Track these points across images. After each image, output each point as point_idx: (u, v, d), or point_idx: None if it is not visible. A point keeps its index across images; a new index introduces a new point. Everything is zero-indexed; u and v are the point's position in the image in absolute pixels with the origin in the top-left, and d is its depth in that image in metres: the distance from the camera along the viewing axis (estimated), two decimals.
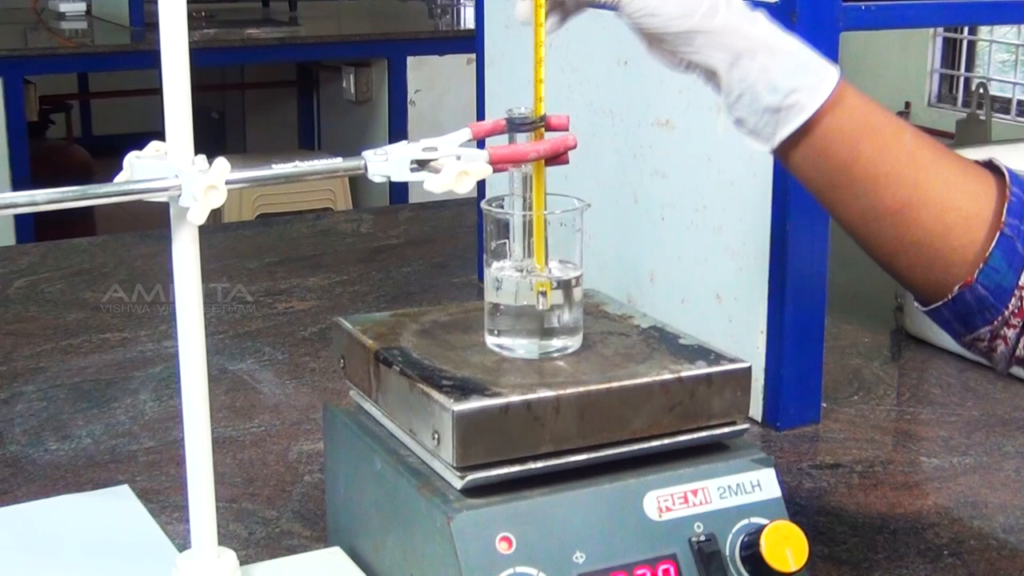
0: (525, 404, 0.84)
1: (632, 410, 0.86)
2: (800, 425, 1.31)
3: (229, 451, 1.24)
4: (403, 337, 0.95)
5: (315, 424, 1.30)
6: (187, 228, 0.79)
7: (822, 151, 0.80)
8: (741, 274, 1.31)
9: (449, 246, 2.00)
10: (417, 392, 0.86)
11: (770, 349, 1.29)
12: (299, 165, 0.82)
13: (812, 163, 0.81)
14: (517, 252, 0.91)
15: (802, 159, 0.81)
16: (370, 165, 0.83)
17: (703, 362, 0.90)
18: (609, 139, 1.47)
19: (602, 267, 1.47)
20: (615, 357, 0.91)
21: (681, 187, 1.38)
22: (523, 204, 0.91)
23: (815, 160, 0.80)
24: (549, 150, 0.88)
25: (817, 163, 0.80)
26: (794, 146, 0.81)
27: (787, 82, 0.79)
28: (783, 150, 0.81)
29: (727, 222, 1.32)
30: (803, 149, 0.80)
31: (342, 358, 0.98)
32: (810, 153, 0.80)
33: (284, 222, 2.20)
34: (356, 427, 0.95)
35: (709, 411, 0.89)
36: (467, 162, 0.83)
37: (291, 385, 1.42)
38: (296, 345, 1.54)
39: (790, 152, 0.81)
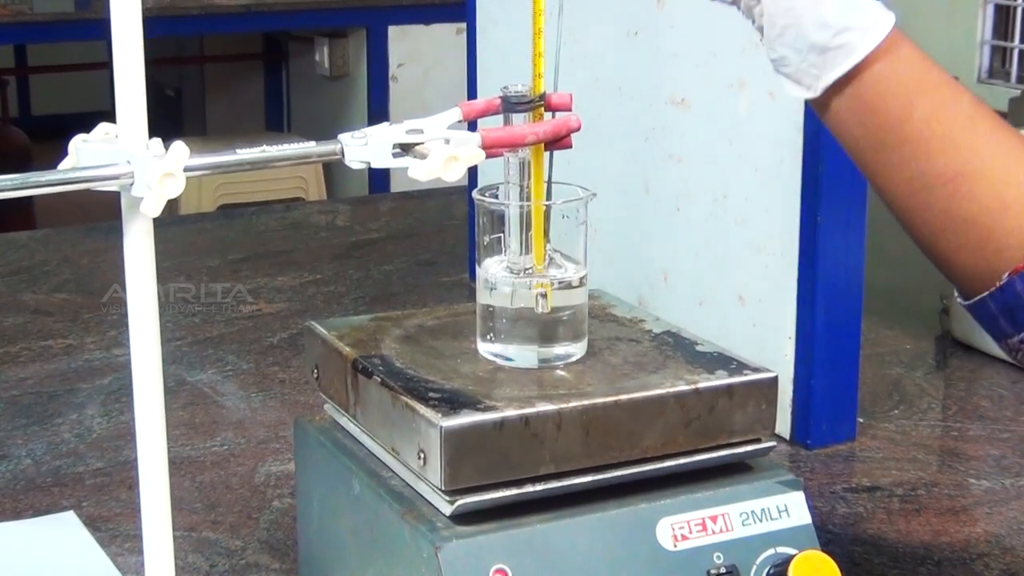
0: (522, 419, 0.84)
1: (643, 426, 0.87)
2: (833, 443, 1.31)
3: (188, 473, 1.24)
4: (385, 344, 0.95)
5: (285, 442, 1.30)
6: (140, 221, 0.79)
7: (871, 103, 0.80)
8: (767, 272, 1.32)
9: (436, 241, 2.01)
10: (400, 406, 0.86)
11: (799, 357, 1.30)
12: (267, 150, 0.82)
13: (858, 117, 0.80)
14: (513, 248, 0.92)
15: (847, 111, 0.81)
16: (347, 150, 0.83)
17: (723, 371, 0.90)
18: (617, 120, 1.48)
19: (609, 265, 1.48)
20: (624, 366, 0.92)
21: (699, 174, 1.38)
22: (520, 194, 0.91)
23: (862, 114, 0.80)
24: (549, 132, 0.88)
25: (863, 118, 0.80)
26: (839, 95, 0.80)
27: (839, 19, 0.78)
28: (826, 99, 0.81)
29: (751, 214, 1.33)
30: (849, 99, 0.80)
31: (316, 368, 0.98)
32: (857, 105, 0.80)
33: (249, 214, 2.20)
34: (331, 445, 0.95)
35: (730, 427, 0.89)
36: (457, 146, 0.83)
37: (258, 398, 1.42)
38: (263, 353, 1.55)
39: (834, 102, 0.81)
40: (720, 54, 1.32)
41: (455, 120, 0.88)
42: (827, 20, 0.79)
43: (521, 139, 0.88)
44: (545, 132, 0.88)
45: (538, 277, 0.91)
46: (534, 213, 0.91)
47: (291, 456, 1.19)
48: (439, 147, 0.82)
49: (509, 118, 0.90)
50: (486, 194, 0.93)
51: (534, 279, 0.91)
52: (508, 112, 0.90)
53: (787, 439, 1.31)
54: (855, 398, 1.33)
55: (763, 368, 0.91)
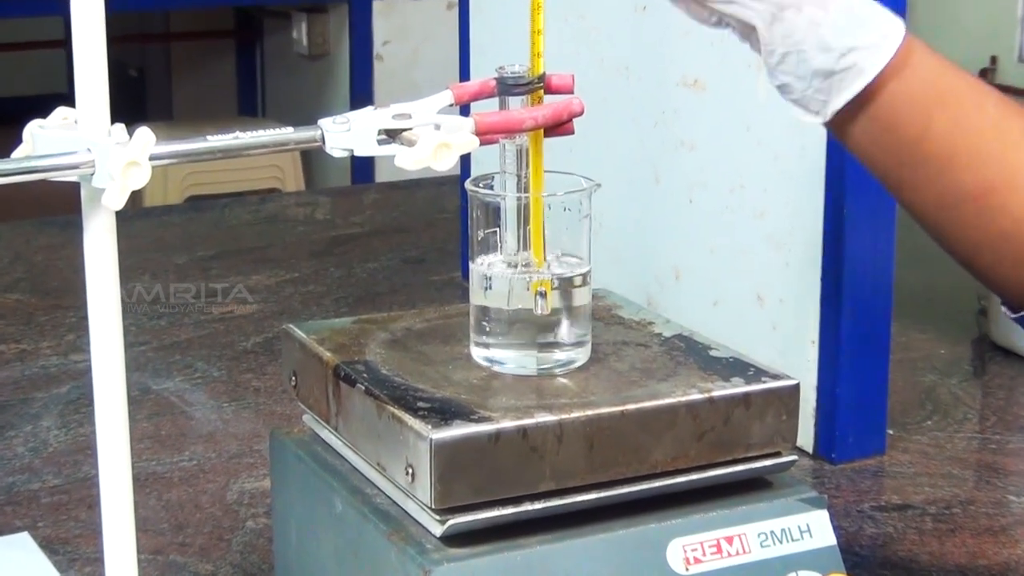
0: (520, 431, 0.84)
1: (652, 438, 0.87)
2: (861, 457, 1.32)
3: (153, 490, 1.25)
4: (369, 348, 0.95)
5: (260, 457, 1.30)
6: (102, 214, 0.79)
7: (886, 124, 0.80)
8: (788, 270, 1.32)
9: (426, 236, 2.01)
10: (387, 417, 0.86)
11: (823, 363, 1.30)
12: (240, 136, 0.82)
13: (874, 139, 0.81)
14: (510, 244, 0.92)
15: (862, 134, 0.81)
16: (327, 136, 0.83)
17: (740, 379, 0.90)
18: (624, 103, 1.48)
19: (615, 262, 1.48)
20: (631, 373, 0.92)
21: (713, 162, 1.39)
22: (517, 184, 0.91)
23: (878, 135, 0.81)
24: (549, 117, 0.88)
25: (880, 138, 0.81)
26: (852, 118, 0.81)
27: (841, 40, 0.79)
28: (838, 122, 0.82)
29: (770, 206, 1.33)
30: (863, 122, 0.81)
31: (293, 375, 0.98)
32: (871, 126, 0.81)
33: (220, 206, 2.20)
34: (311, 460, 0.95)
35: (748, 439, 0.89)
36: (448, 132, 0.83)
37: (230, 408, 1.42)
38: (236, 359, 1.55)
39: (847, 125, 0.82)
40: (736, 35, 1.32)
41: (446, 104, 0.88)
42: (829, 43, 0.79)
43: (518, 124, 0.88)
44: (545, 117, 0.88)
45: (537, 275, 0.91)
46: (533, 205, 0.91)
47: (266, 472, 1.19)
48: (429, 133, 0.82)
49: (505, 101, 0.90)
50: (480, 185, 0.93)
51: (533, 277, 0.91)
52: (504, 95, 0.90)
53: (810, 453, 1.32)
54: (884, 408, 1.33)
55: (783, 375, 0.91)
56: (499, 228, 0.92)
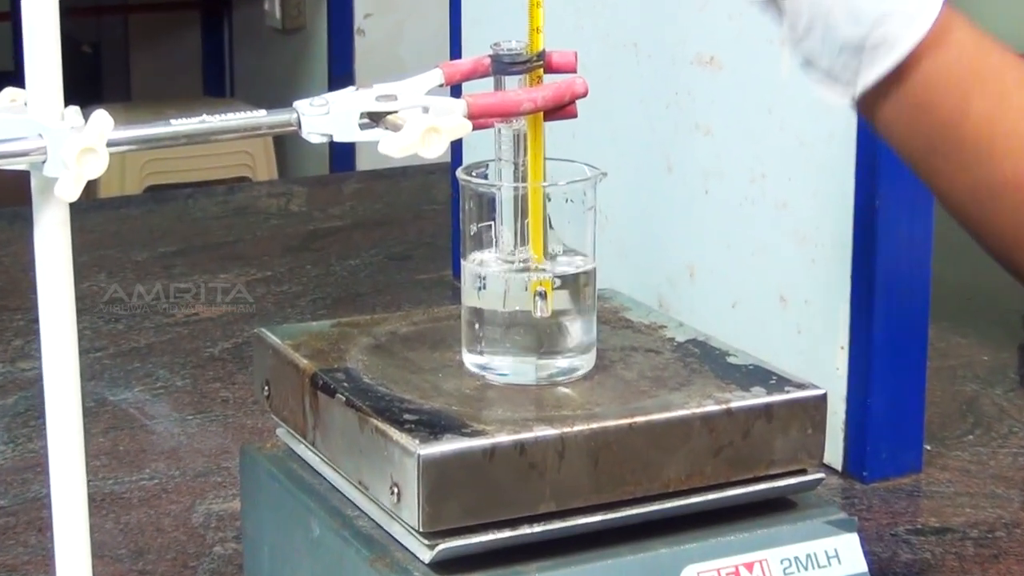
0: (517, 446, 0.84)
1: (664, 454, 0.87)
2: (895, 475, 1.32)
3: (111, 512, 1.25)
4: (350, 355, 0.95)
5: (228, 475, 1.30)
6: (54, 206, 0.80)
7: (920, 104, 0.81)
8: (814, 268, 1.32)
9: (413, 230, 2.01)
10: (369, 430, 0.86)
11: (854, 371, 1.30)
12: (206, 120, 0.82)
13: (906, 120, 0.81)
14: (507, 239, 0.92)
15: (893, 115, 0.82)
16: (304, 120, 0.84)
17: (761, 388, 0.91)
18: (632, 83, 1.48)
19: (623, 258, 1.48)
20: (640, 382, 0.92)
21: (731, 148, 1.39)
22: (514, 173, 0.92)
23: (910, 116, 0.81)
24: (550, 99, 0.88)
25: (913, 120, 0.81)
26: (882, 97, 0.81)
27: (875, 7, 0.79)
28: (867, 102, 0.82)
29: (794, 196, 1.33)
30: (894, 101, 0.81)
31: (266, 384, 0.98)
32: (903, 107, 0.81)
33: (184, 197, 2.20)
34: (285, 479, 0.95)
35: (770, 455, 0.90)
36: (437, 115, 0.83)
37: (195, 421, 1.42)
38: (202, 366, 1.55)
39: (877, 105, 0.82)
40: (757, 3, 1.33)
41: (435, 84, 0.88)
42: (861, 11, 0.79)
43: (515, 107, 0.88)
44: (544, 98, 0.88)
45: (537, 274, 0.91)
46: (531, 196, 0.91)
47: (236, 492, 1.19)
48: (416, 117, 0.83)
49: (501, 81, 0.91)
50: (473, 173, 0.93)
51: (531, 276, 0.91)
52: (500, 74, 0.90)
53: (838, 470, 1.32)
54: (921, 421, 1.33)
55: (809, 384, 0.92)
56: (494, 221, 0.92)
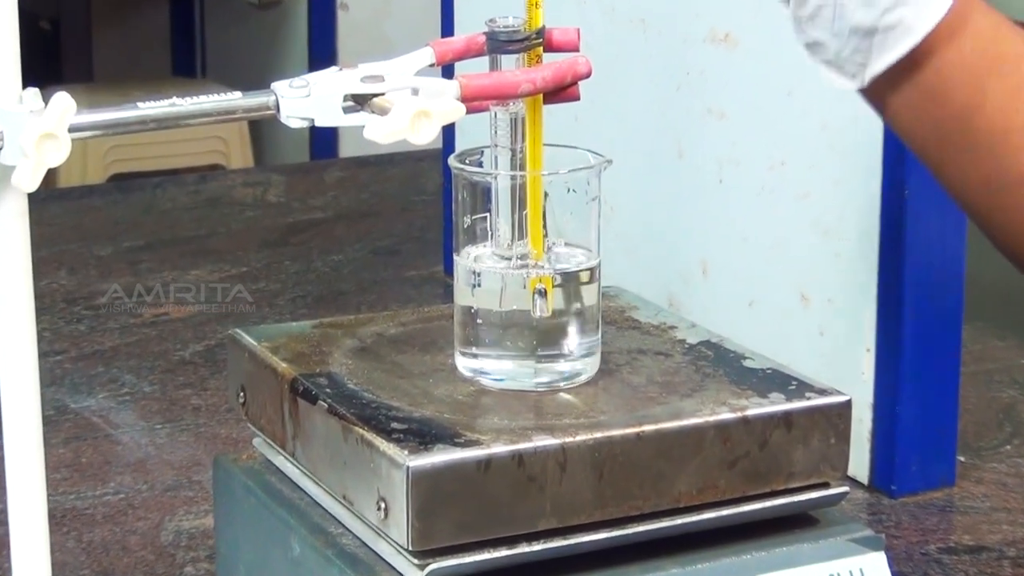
0: (515, 457, 0.84)
1: (674, 466, 0.87)
2: (926, 489, 1.32)
3: (72, 529, 1.25)
4: (333, 358, 0.95)
5: (200, 489, 1.30)
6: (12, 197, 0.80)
7: (933, 93, 0.81)
8: (838, 263, 1.32)
9: (401, 223, 2.01)
10: (354, 440, 0.87)
11: (881, 376, 1.30)
12: (177, 103, 0.82)
13: (917, 110, 0.82)
14: (503, 232, 0.92)
15: (903, 104, 0.82)
16: (283, 102, 0.84)
17: (780, 394, 0.91)
18: (640, 63, 1.48)
19: (630, 253, 1.48)
20: (649, 388, 0.92)
21: (748, 133, 1.39)
22: (511, 160, 0.92)
23: (922, 106, 0.81)
24: (550, 80, 0.89)
25: (924, 110, 0.82)
26: (893, 85, 0.82)
27: None
28: (876, 89, 0.83)
29: (817, 186, 1.33)
30: (906, 90, 0.81)
31: (241, 390, 0.98)
32: (915, 96, 0.81)
33: (152, 186, 2.20)
34: (263, 493, 0.95)
35: (789, 467, 0.90)
36: (428, 98, 0.83)
37: (164, 431, 1.42)
38: (171, 371, 1.55)
39: (886, 93, 0.82)
40: None
41: (426, 64, 0.88)
42: None
43: (513, 89, 0.88)
44: (544, 80, 0.89)
45: (536, 270, 0.92)
46: (530, 186, 0.91)
47: (209, 507, 1.19)
48: (405, 99, 0.83)
49: (497, 61, 0.91)
50: (466, 161, 0.93)
51: (530, 273, 0.91)
52: (495, 53, 0.91)
53: (864, 484, 1.32)
54: (954, 430, 1.33)
55: (832, 390, 0.92)
56: (489, 213, 0.92)
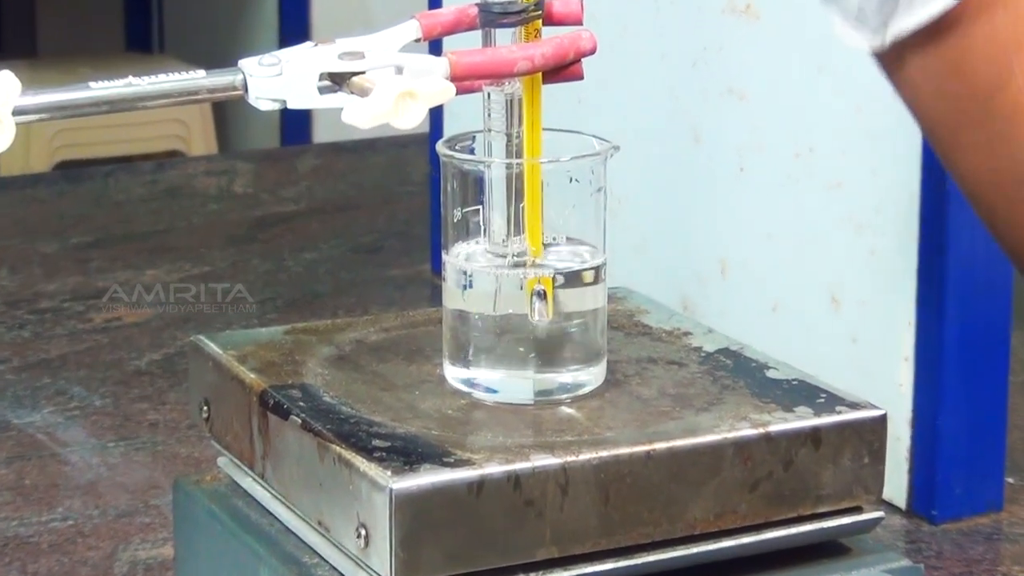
0: (511, 479, 0.85)
1: (689, 489, 0.87)
2: (970, 514, 1.32)
3: (15, 559, 1.25)
4: (307, 368, 0.95)
5: (158, 515, 1.30)
6: None
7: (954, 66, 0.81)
8: (873, 262, 1.32)
9: (383, 216, 2.01)
10: (331, 460, 0.87)
11: (920, 387, 1.30)
12: (133, 83, 0.82)
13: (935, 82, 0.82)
14: (498, 227, 0.92)
15: (921, 72, 0.82)
16: (251, 82, 0.84)
17: (807, 408, 0.91)
18: (652, 37, 1.48)
19: (640, 251, 1.49)
20: (660, 401, 0.92)
21: (772, 116, 1.39)
22: (507, 147, 0.92)
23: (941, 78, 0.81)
24: (550, 57, 0.89)
25: (943, 82, 0.81)
26: (913, 51, 0.81)
27: None
28: (893, 53, 0.82)
29: (849, 175, 1.33)
30: (925, 58, 0.81)
31: (205, 404, 0.99)
32: (935, 65, 0.81)
33: (103, 175, 2.20)
34: (228, 519, 0.96)
35: (818, 490, 0.90)
36: (414, 77, 0.84)
37: (117, 449, 1.42)
38: (125, 382, 1.55)
39: (904, 59, 0.82)
40: None
41: (411, 39, 0.88)
42: None
43: (508, 66, 0.88)
44: (544, 56, 0.89)
45: (534, 269, 0.92)
46: (527, 175, 0.91)
47: (168, 535, 1.20)
48: (388, 79, 0.83)
49: (490, 35, 0.91)
50: (457, 147, 0.93)
51: (528, 272, 0.92)
52: (489, 26, 0.91)
53: (902, 508, 1.32)
54: (1002, 448, 1.33)
55: (866, 403, 0.92)
56: (482, 206, 0.93)
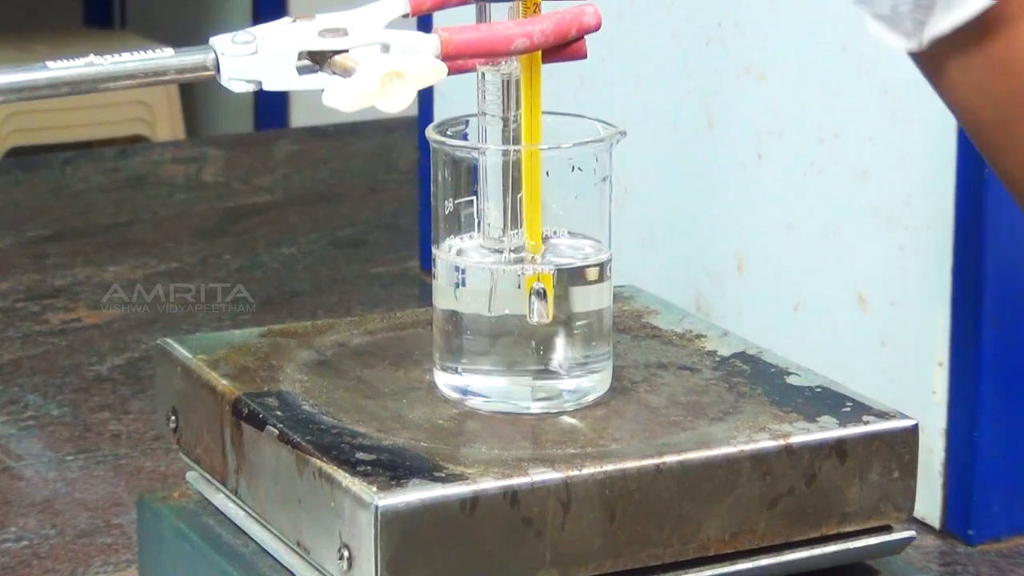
0: (507, 495, 0.85)
1: (702, 506, 0.88)
2: (1010, 535, 1.32)
3: None
4: (285, 374, 0.96)
5: (121, 535, 1.30)
6: None
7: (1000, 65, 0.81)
8: (903, 258, 1.32)
9: (367, 208, 2.01)
10: (311, 474, 0.87)
11: (956, 395, 1.30)
12: (95, 62, 0.82)
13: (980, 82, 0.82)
14: (493, 219, 0.93)
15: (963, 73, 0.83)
16: (223, 61, 0.84)
17: (832, 418, 0.91)
18: (662, 12, 1.48)
19: (650, 246, 1.49)
20: (671, 410, 0.93)
21: (793, 98, 1.39)
22: (503, 132, 0.92)
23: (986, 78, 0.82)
24: (551, 34, 0.89)
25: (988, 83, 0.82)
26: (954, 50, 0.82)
27: None
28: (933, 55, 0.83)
29: (877, 164, 1.33)
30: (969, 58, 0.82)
31: (172, 414, 0.99)
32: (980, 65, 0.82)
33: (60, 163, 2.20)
34: (198, 539, 0.96)
35: (843, 507, 0.90)
36: (401, 56, 0.84)
37: (76, 463, 1.42)
38: (85, 389, 1.55)
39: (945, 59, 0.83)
40: None
41: (398, 14, 0.89)
42: None
43: (505, 44, 0.89)
44: (544, 33, 0.89)
45: (533, 266, 0.92)
46: (525, 163, 0.92)
47: (132, 557, 1.20)
48: (373, 57, 0.83)
49: (485, 10, 0.91)
50: (448, 132, 0.94)
51: (526, 269, 0.92)
52: (483, 1, 0.91)
53: (935, 527, 1.32)
54: None
55: (895, 412, 0.92)
56: (476, 196, 0.93)
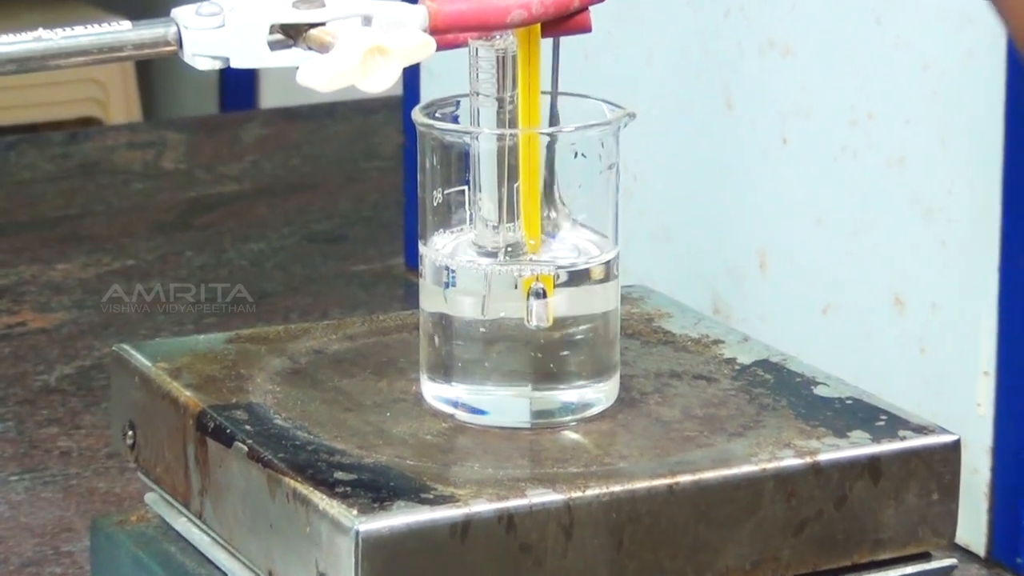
0: (503, 519, 0.85)
1: (720, 531, 0.88)
2: None
3: None
4: (255, 384, 0.96)
5: (72, 563, 1.31)
6: None
7: None
8: (944, 255, 1.33)
9: (346, 198, 2.01)
10: (285, 496, 0.87)
11: (1003, 408, 1.31)
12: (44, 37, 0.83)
13: None
14: (487, 212, 0.93)
15: None
16: (187, 36, 0.84)
17: (864, 433, 0.91)
18: None
19: (662, 241, 1.49)
20: (685, 424, 0.93)
21: (821, 76, 1.40)
22: (498, 114, 0.92)
23: None
24: (551, 4, 0.89)
25: None
26: None
27: None
28: None
29: (916, 150, 1.34)
30: None
31: (129, 428, 0.99)
32: None
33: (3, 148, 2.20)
34: (158, 567, 0.96)
35: (876, 532, 0.91)
36: (385, 29, 0.84)
37: (22, 483, 1.43)
38: (31, 402, 1.55)
39: None
40: None
41: None
42: None
43: (500, 16, 0.89)
44: (543, 4, 0.89)
45: (532, 265, 0.92)
46: (523, 148, 0.92)
47: None
48: (353, 31, 0.83)
49: None
50: (437, 114, 0.94)
51: (525, 268, 0.92)
52: None
53: (980, 555, 1.33)
54: None
55: (935, 427, 0.93)
56: (468, 186, 0.93)
